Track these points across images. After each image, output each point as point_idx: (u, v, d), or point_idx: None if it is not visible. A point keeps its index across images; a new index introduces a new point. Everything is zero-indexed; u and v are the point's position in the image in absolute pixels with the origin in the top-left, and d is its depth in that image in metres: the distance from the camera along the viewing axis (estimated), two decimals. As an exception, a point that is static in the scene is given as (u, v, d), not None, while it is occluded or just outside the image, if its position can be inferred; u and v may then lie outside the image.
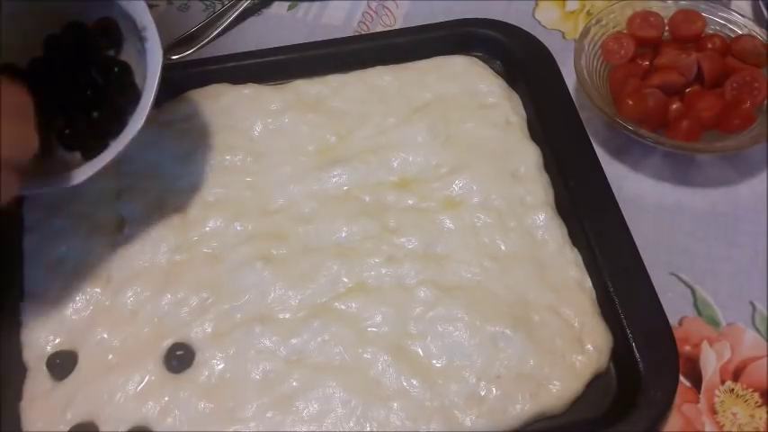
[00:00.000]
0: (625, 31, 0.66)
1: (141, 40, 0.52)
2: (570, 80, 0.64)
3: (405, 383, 0.49)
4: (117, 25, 0.55)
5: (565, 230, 0.56)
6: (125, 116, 0.52)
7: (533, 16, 0.75)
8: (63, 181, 0.51)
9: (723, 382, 0.53)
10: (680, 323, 0.55)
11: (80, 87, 0.54)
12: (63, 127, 0.54)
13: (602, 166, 0.59)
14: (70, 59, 0.55)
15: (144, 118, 0.50)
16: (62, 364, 0.50)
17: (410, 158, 0.60)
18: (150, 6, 0.53)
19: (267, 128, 0.62)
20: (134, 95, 0.53)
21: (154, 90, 0.51)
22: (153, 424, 0.48)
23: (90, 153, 0.52)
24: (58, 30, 0.55)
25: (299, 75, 0.66)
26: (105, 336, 0.52)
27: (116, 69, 0.55)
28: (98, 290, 0.53)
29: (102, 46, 0.56)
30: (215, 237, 0.56)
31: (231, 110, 0.63)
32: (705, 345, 0.54)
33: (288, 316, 0.52)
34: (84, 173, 0.51)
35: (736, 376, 0.53)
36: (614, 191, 0.57)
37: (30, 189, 0.51)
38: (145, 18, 0.52)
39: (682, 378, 0.52)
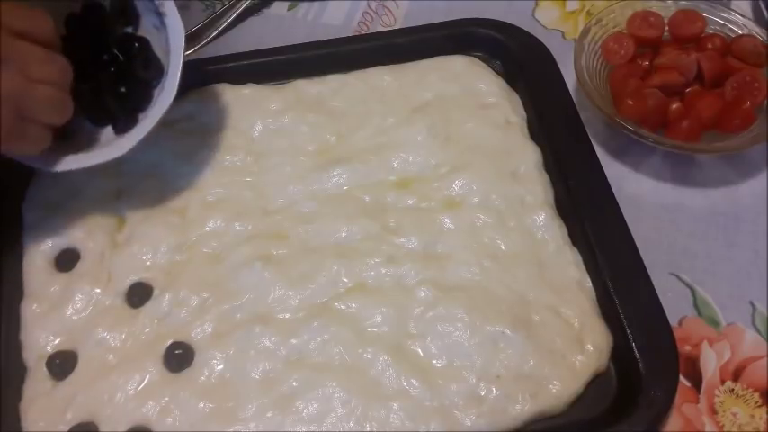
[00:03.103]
0: (625, 31, 0.66)
1: (158, 15, 0.54)
2: (570, 80, 0.64)
3: (405, 383, 0.49)
4: (132, 2, 0.56)
5: (565, 230, 0.56)
6: (151, 90, 0.56)
7: (533, 16, 0.75)
8: (106, 154, 0.54)
9: (723, 382, 0.53)
10: (680, 323, 0.55)
11: (103, 65, 0.56)
12: (91, 103, 0.56)
13: (602, 166, 0.59)
14: (91, 38, 0.56)
15: (176, 86, 0.53)
16: (62, 364, 0.50)
17: (410, 158, 0.60)
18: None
19: (267, 128, 0.62)
20: (158, 69, 0.55)
21: (181, 60, 0.53)
22: (153, 424, 0.48)
23: (121, 127, 0.55)
24: (76, 10, 0.56)
25: (299, 75, 0.66)
26: (105, 336, 0.51)
27: (136, 45, 0.56)
28: (98, 290, 0.53)
29: (120, 23, 0.57)
30: (215, 237, 0.56)
31: (231, 110, 0.63)
32: (705, 345, 0.54)
33: (288, 316, 0.52)
34: (126, 143, 0.54)
35: (736, 376, 0.53)
36: (614, 191, 0.57)
37: (75, 165, 0.53)
38: None
39: (682, 378, 0.52)
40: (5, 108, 0.45)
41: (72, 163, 0.54)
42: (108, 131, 0.57)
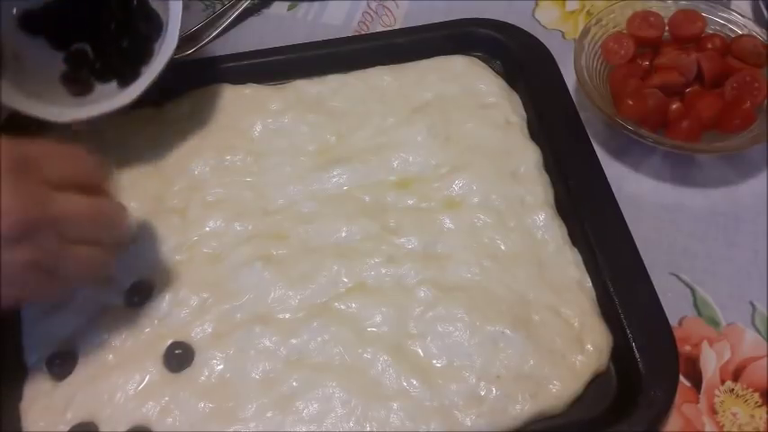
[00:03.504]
0: (625, 31, 0.66)
1: None
2: (570, 80, 0.64)
3: (405, 383, 0.49)
4: None
5: (565, 230, 0.56)
6: (151, 44, 0.59)
7: (533, 16, 0.75)
8: (110, 104, 0.56)
9: (723, 382, 0.52)
10: (680, 323, 0.55)
11: (105, 22, 0.59)
12: (95, 60, 0.60)
13: (602, 166, 0.59)
14: None
15: (177, 37, 0.56)
16: (62, 364, 0.50)
17: (410, 158, 0.60)
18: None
19: (267, 128, 0.62)
20: (157, 22, 0.59)
21: (179, 13, 0.56)
22: (153, 424, 0.48)
23: (125, 80, 0.58)
24: None
25: (299, 75, 0.66)
26: (105, 336, 0.52)
27: (135, 2, 0.59)
28: (98, 290, 0.53)
29: None
30: (215, 237, 0.56)
31: (231, 110, 0.63)
32: (705, 345, 0.54)
33: (288, 316, 0.52)
34: (131, 93, 0.56)
35: (736, 376, 0.53)
36: (614, 191, 0.57)
37: (84, 114, 0.56)
38: None
39: (682, 378, 0.52)
40: (40, 275, 0.40)
41: (80, 113, 0.56)
42: (112, 85, 0.60)
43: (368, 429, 0.47)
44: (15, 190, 0.37)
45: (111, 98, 0.56)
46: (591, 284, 0.54)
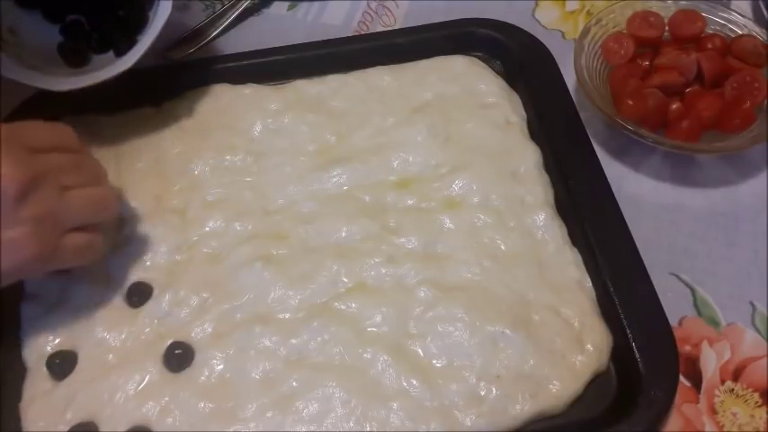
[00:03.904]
0: (625, 31, 0.66)
1: None
2: (570, 80, 0.64)
3: (405, 383, 0.49)
4: None
5: (565, 230, 0.56)
6: (146, 12, 0.60)
7: (533, 16, 0.75)
8: (108, 71, 0.56)
9: (723, 382, 0.53)
10: (680, 323, 0.55)
11: None
12: (91, 30, 0.61)
13: (602, 166, 0.59)
14: None
15: (170, 6, 0.57)
16: (62, 364, 0.50)
17: (410, 158, 0.60)
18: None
19: (267, 128, 0.62)
20: None
21: None
22: (153, 424, 0.48)
23: (121, 49, 0.59)
24: None
25: (299, 75, 0.66)
26: (105, 336, 0.52)
27: None
28: (98, 290, 0.53)
29: None
30: (215, 237, 0.56)
31: (231, 110, 0.63)
32: (705, 345, 0.54)
33: (288, 316, 0.52)
34: (128, 60, 0.57)
35: (736, 376, 0.53)
36: (614, 191, 0.57)
37: (79, 83, 0.56)
38: None
39: (682, 378, 0.52)
40: (49, 226, 0.46)
41: (80, 81, 0.56)
42: (109, 55, 0.61)
43: (368, 429, 0.47)
44: (9, 157, 0.43)
45: (108, 67, 0.57)
46: (591, 284, 0.54)
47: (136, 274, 0.54)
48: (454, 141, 0.60)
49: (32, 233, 0.44)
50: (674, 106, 0.62)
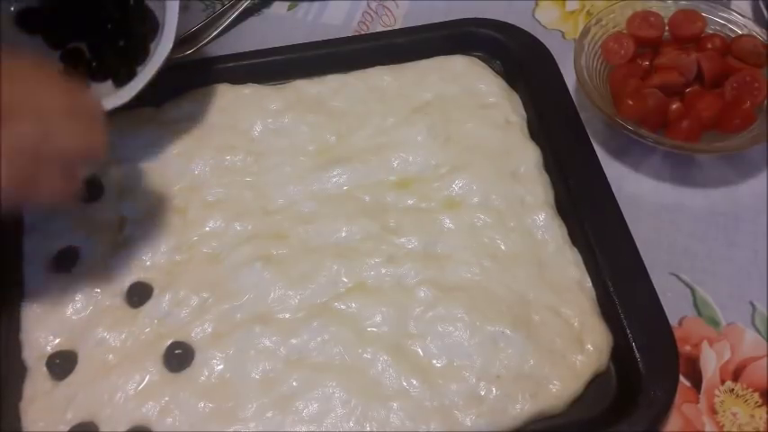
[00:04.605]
0: (625, 31, 0.66)
1: None
2: (570, 80, 0.64)
3: (405, 383, 0.49)
4: None
5: (565, 230, 0.56)
6: (147, 43, 0.59)
7: (533, 16, 0.75)
8: (108, 104, 0.55)
9: (723, 382, 0.53)
10: (680, 323, 0.55)
11: (101, 22, 0.59)
12: (91, 59, 0.60)
13: (602, 166, 0.59)
14: None
15: (173, 37, 0.55)
16: (62, 364, 0.50)
17: (410, 158, 0.60)
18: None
19: (267, 128, 0.62)
20: (153, 23, 0.59)
21: (176, 13, 0.56)
22: (153, 424, 0.48)
23: (120, 80, 0.58)
24: None
25: (299, 75, 0.66)
26: (105, 336, 0.52)
27: (132, 2, 0.59)
28: (98, 290, 0.53)
29: None
30: (215, 237, 0.56)
31: (231, 110, 0.63)
32: (705, 345, 0.54)
33: (288, 316, 0.52)
34: (127, 93, 0.56)
35: (736, 376, 0.53)
36: (614, 191, 0.57)
37: None
38: None
39: (682, 378, 0.52)
40: (24, 159, 0.44)
41: None
42: (108, 84, 0.60)
43: (368, 429, 0.47)
44: None
45: (106, 98, 0.56)
46: (591, 284, 0.54)
47: (136, 274, 0.54)
48: (454, 141, 0.60)
49: (9, 163, 0.43)
50: (674, 106, 0.62)
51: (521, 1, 0.75)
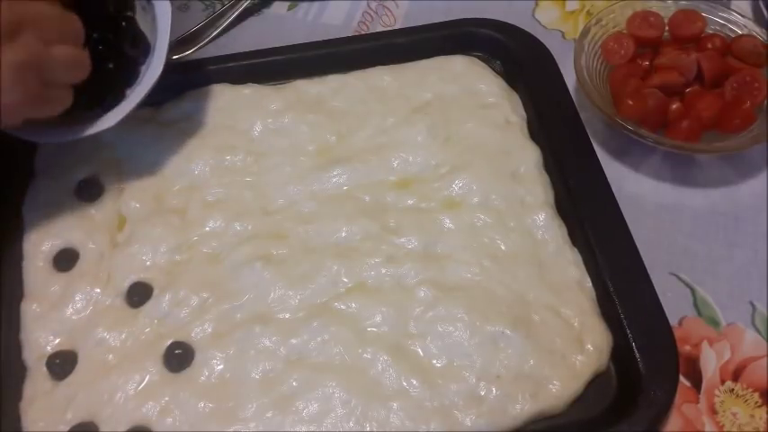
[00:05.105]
0: (625, 31, 0.66)
1: None
2: (570, 80, 0.64)
3: (405, 383, 0.49)
4: None
5: (565, 230, 0.56)
6: (138, 66, 0.57)
7: (533, 16, 0.75)
8: (94, 127, 0.55)
9: (723, 382, 0.53)
10: (680, 323, 0.55)
11: (92, 43, 0.56)
12: (81, 84, 0.57)
13: (602, 166, 0.59)
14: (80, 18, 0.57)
15: (163, 61, 0.56)
16: (62, 364, 0.50)
17: (410, 158, 0.60)
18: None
19: (267, 128, 0.62)
20: (144, 45, 0.57)
21: (167, 37, 0.56)
22: (153, 424, 0.48)
23: (109, 104, 0.56)
24: None
25: (299, 75, 0.66)
26: (105, 336, 0.52)
27: (123, 24, 0.57)
28: (98, 290, 0.53)
29: (108, 3, 0.58)
30: (215, 237, 0.56)
31: (231, 110, 0.63)
32: (705, 345, 0.54)
33: (288, 316, 0.52)
34: (114, 117, 0.55)
35: (736, 376, 0.53)
36: (614, 191, 0.57)
37: (65, 137, 0.55)
38: None
39: (682, 378, 0.52)
40: (29, 75, 0.46)
41: (64, 135, 0.55)
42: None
43: (368, 429, 0.47)
44: None
45: (94, 120, 0.55)
46: (591, 284, 0.54)
47: (136, 274, 0.54)
48: (454, 141, 0.60)
49: (17, 79, 0.45)
50: (674, 106, 0.62)
51: (521, 1, 0.75)
